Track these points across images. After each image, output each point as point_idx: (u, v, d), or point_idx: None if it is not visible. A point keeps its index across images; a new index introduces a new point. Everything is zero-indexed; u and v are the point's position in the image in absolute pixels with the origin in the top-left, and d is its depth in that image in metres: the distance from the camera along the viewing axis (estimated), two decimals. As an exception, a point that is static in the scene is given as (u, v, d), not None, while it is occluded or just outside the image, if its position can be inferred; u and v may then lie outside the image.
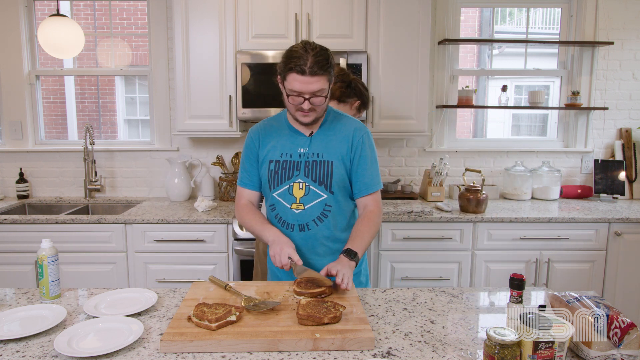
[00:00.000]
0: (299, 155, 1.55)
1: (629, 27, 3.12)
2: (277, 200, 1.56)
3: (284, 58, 1.43)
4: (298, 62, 1.38)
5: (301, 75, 1.38)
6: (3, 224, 2.50)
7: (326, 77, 1.42)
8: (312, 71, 1.38)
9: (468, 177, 2.97)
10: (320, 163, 1.53)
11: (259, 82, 2.64)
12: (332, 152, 1.54)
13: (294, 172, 1.53)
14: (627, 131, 3.20)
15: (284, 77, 1.44)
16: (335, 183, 1.53)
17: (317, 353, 1.06)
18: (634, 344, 1.00)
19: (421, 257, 2.61)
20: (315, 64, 1.38)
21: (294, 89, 1.41)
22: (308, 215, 1.54)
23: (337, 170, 1.53)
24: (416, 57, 2.72)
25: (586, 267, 2.65)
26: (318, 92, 1.42)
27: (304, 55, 1.38)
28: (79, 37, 2.72)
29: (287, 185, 1.54)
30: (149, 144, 3.19)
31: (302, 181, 1.53)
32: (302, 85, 1.40)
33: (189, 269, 2.55)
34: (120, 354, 1.04)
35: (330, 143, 1.55)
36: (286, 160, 1.55)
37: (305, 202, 1.53)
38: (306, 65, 1.37)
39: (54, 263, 1.35)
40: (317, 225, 1.54)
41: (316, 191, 1.53)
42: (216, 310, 1.14)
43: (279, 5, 2.65)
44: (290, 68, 1.39)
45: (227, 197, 3.02)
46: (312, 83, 1.40)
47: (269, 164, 1.56)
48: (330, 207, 1.55)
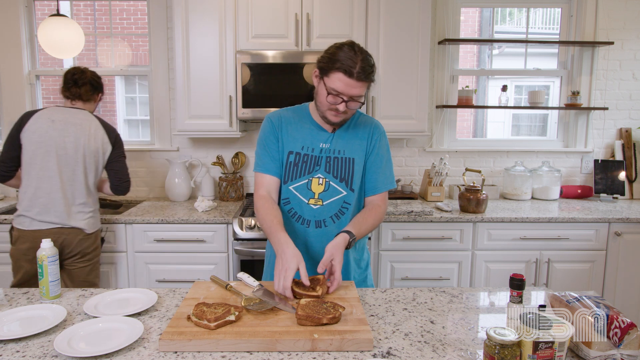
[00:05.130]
0: (321, 150, 1.52)
1: (629, 27, 3.12)
2: (293, 194, 1.53)
3: (330, 55, 1.39)
4: (347, 63, 1.34)
5: (348, 77, 1.35)
6: (3, 224, 2.50)
7: (368, 84, 1.40)
8: (359, 76, 1.35)
9: (468, 177, 2.97)
10: (342, 160, 1.52)
11: (259, 82, 2.64)
12: (353, 149, 1.53)
13: (314, 167, 1.51)
14: (627, 131, 3.20)
15: (326, 74, 1.40)
16: (355, 180, 1.52)
17: (317, 353, 1.06)
18: (634, 344, 1.00)
19: (421, 257, 2.61)
20: (363, 69, 1.35)
21: (336, 89, 1.38)
22: (326, 211, 1.51)
23: (357, 167, 1.53)
24: (416, 57, 2.72)
25: (586, 267, 2.64)
26: (357, 97, 1.40)
27: (354, 58, 1.35)
28: (79, 37, 2.72)
29: (306, 180, 1.51)
30: (149, 144, 3.19)
31: (322, 176, 1.51)
32: (345, 87, 1.37)
33: (189, 269, 2.55)
34: (120, 354, 1.04)
35: (351, 141, 1.54)
36: (307, 154, 1.52)
37: (324, 198, 1.51)
38: (355, 69, 1.34)
39: (54, 263, 1.35)
40: (334, 223, 1.52)
41: (336, 187, 1.51)
42: (215, 309, 1.14)
43: (279, 5, 2.65)
44: (338, 67, 1.35)
45: (227, 197, 3.02)
46: (355, 87, 1.37)
47: (288, 155, 1.53)
48: (349, 205, 1.53)
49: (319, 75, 1.44)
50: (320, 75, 1.44)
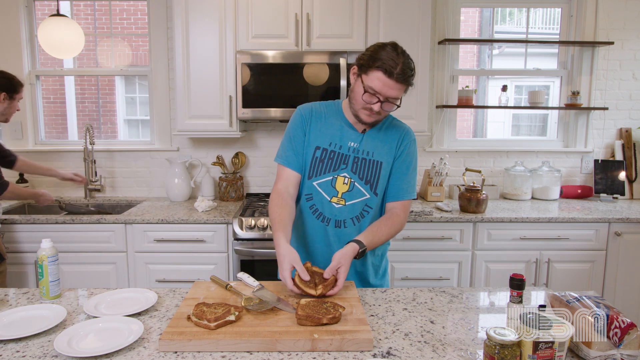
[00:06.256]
0: (349, 149, 1.50)
1: (629, 27, 3.12)
2: (316, 190, 1.51)
3: (372, 53, 1.37)
4: (389, 63, 1.33)
5: (387, 77, 1.34)
6: (3, 224, 2.50)
7: (406, 87, 1.39)
8: (399, 78, 1.34)
9: (468, 177, 2.97)
10: (370, 162, 1.50)
11: (259, 82, 2.64)
12: (382, 152, 1.51)
13: (340, 165, 1.49)
14: (627, 131, 3.20)
15: (365, 71, 1.38)
16: (380, 185, 1.50)
17: (317, 353, 1.06)
18: (634, 344, 1.00)
19: (421, 257, 2.61)
20: (403, 71, 1.34)
21: (374, 88, 1.36)
22: (348, 212, 1.50)
23: (384, 172, 1.50)
24: (416, 57, 2.71)
25: (586, 267, 2.64)
26: (393, 99, 1.39)
27: (396, 58, 1.34)
28: (79, 37, 2.72)
29: (330, 177, 1.49)
30: (149, 144, 3.19)
31: (347, 176, 1.49)
32: (384, 87, 1.36)
33: (189, 269, 2.55)
34: (120, 354, 1.04)
35: (381, 143, 1.52)
36: (334, 150, 1.50)
37: (348, 198, 1.49)
38: (396, 69, 1.33)
39: (54, 263, 1.35)
40: (354, 225, 1.51)
41: (360, 189, 1.50)
42: (215, 309, 1.14)
43: (279, 5, 2.65)
44: (379, 66, 1.34)
45: (227, 197, 3.02)
46: (393, 88, 1.36)
47: (314, 150, 1.51)
48: (370, 209, 1.51)
49: (357, 72, 1.43)
50: (358, 73, 1.42)
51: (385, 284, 1.66)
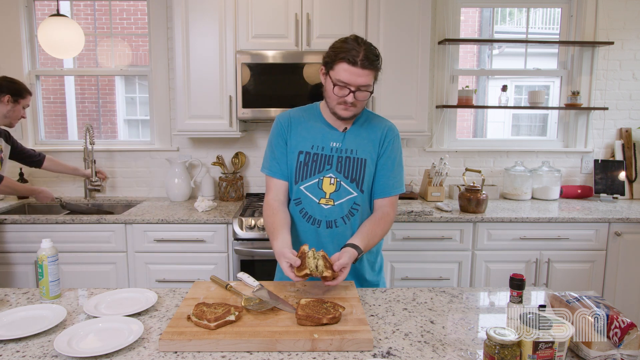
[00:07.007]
0: (331, 150, 1.51)
1: (629, 27, 3.12)
2: (303, 194, 1.52)
3: (334, 49, 1.41)
4: (351, 53, 1.36)
5: (352, 66, 1.36)
6: (3, 224, 2.50)
7: (374, 73, 1.41)
8: (363, 64, 1.36)
9: (468, 177, 2.97)
10: (354, 160, 1.51)
11: (259, 82, 2.64)
12: (365, 150, 1.52)
13: (325, 166, 1.50)
14: (627, 131, 3.20)
15: (331, 67, 1.41)
16: (366, 182, 1.51)
17: (317, 353, 1.06)
18: (634, 344, 1.00)
19: (421, 257, 2.61)
20: (367, 57, 1.36)
21: (342, 80, 1.39)
22: (337, 212, 1.51)
23: (368, 169, 1.51)
24: (416, 57, 2.72)
25: (586, 267, 2.64)
26: (364, 87, 1.40)
27: (357, 47, 1.37)
28: (79, 37, 2.72)
29: (316, 179, 1.50)
30: (149, 144, 3.19)
31: (333, 176, 1.50)
32: (351, 76, 1.38)
33: (189, 269, 2.55)
34: (120, 354, 1.04)
35: (363, 141, 1.53)
36: (317, 153, 1.51)
37: (336, 198, 1.50)
38: (358, 57, 1.36)
39: (54, 263, 1.34)
40: (345, 224, 1.51)
41: (347, 188, 1.50)
42: (215, 309, 1.14)
43: (279, 5, 2.64)
44: (342, 58, 1.37)
45: (227, 197, 3.02)
46: (360, 76, 1.38)
47: (297, 155, 1.52)
48: (358, 207, 1.52)
49: (325, 71, 1.45)
50: (326, 71, 1.45)
51: (381, 279, 1.67)
